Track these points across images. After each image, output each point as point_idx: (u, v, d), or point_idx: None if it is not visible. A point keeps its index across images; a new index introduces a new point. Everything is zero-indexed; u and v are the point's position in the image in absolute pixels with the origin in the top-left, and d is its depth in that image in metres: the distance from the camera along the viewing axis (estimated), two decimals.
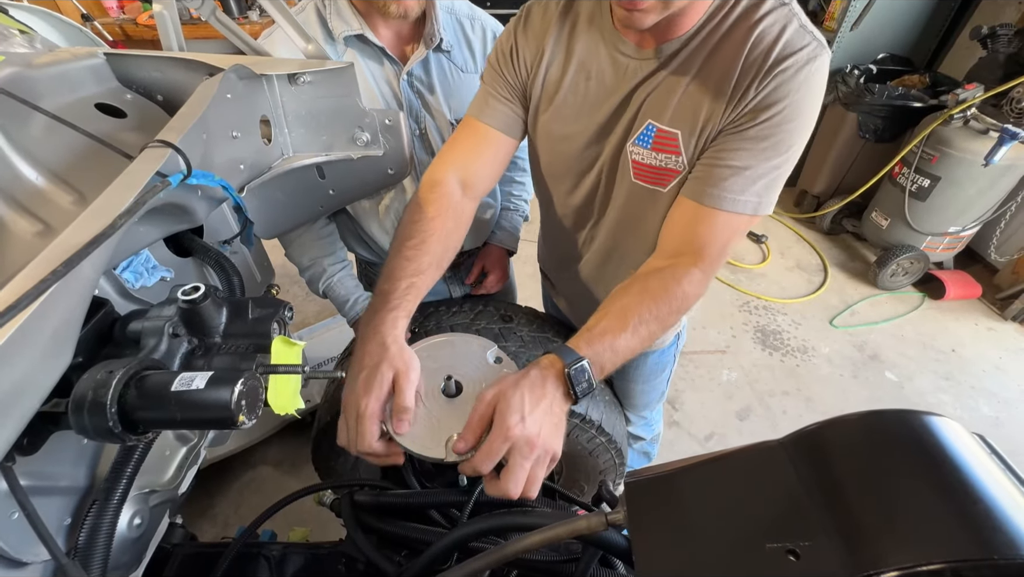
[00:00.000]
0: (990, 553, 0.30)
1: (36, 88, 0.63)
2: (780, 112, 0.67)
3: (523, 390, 0.60)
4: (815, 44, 0.66)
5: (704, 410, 2.10)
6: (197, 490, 1.73)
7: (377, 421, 0.63)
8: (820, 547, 0.33)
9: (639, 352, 0.70)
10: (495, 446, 0.58)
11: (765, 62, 0.67)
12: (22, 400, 0.37)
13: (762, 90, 0.67)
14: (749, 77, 0.68)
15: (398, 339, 0.68)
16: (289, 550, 0.84)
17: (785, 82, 0.66)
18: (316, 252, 1.12)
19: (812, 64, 0.66)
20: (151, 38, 2.92)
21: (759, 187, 0.71)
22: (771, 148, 0.69)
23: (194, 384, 0.45)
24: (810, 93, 0.67)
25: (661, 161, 0.78)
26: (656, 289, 0.71)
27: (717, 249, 0.74)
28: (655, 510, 0.41)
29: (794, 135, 0.69)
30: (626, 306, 0.69)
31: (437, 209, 0.79)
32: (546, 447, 0.60)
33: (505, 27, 0.87)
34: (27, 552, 0.50)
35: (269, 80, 0.80)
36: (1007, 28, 2.24)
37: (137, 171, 0.49)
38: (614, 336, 0.67)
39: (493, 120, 0.86)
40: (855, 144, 2.79)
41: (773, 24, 0.67)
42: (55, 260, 0.35)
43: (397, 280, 0.73)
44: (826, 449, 0.38)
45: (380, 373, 0.64)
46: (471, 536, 0.63)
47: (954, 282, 2.60)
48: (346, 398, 0.67)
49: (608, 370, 0.67)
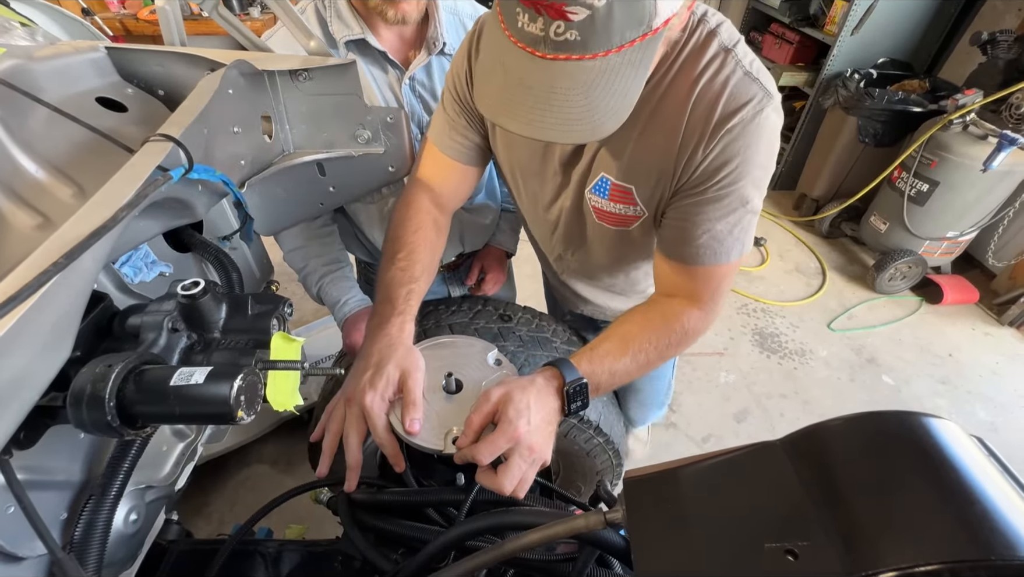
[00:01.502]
0: (987, 554, 0.30)
1: (37, 81, 0.62)
2: (733, 171, 0.65)
3: (531, 397, 0.63)
4: (760, 95, 0.62)
5: (701, 412, 2.10)
6: (192, 487, 1.73)
7: (384, 416, 0.65)
8: (818, 547, 0.33)
9: (636, 377, 0.74)
10: (499, 443, 0.60)
11: (709, 122, 0.63)
12: (21, 392, 0.37)
13: (710, 153, 0.64)
14: (695, 139, 0.65)
15: (405, 341, 0.71)
16: (285, 547, 0.84)
17: (732, 142, 0.63)
18: (312, 253, 1.11)
19: (759, 118, 0.62)
20: (151, 34, 2.91)
21: (734, 235, 0.69)
22: (734, 200, 0.67)
23: (193, 379, 0.44)
24: (761, 145, 0.64)
25: (620, 210, 0.79)
26: (657, 321, 0.75)
27: (709, 294, 0.74)
28: (654, 509, 0.41)
29: (754, 185, 0.67)
30: (628, 332, 0.73)
31: (417, 224, 0.85)
32: (541, 453, 0.63)
33: (460, 44, 0.83)
34: (23, 547, 0.49)
35: (271, 76, 0.80)
36: (1007, 34, 2.25)
37: (138, 164, 0.49)
38: (614, 359, 0.71)
39: (452, 152, 0.86)
40: (855, 148, 2.79)
41: (715, 76, 0.63)
42: (56, 252, 0.35)
43: (397, 288, 0.77)
44: (825, 449, 0.38)
45: (387, 372, 0.66)
46: (468, 534, 0.63)
47: (952, 287, 2.61)
48: (350, 393, 0.68)
49: (603, 390, 0.72)
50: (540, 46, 0.49)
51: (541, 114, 0.53)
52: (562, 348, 1.09)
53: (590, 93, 0.51)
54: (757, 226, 0.73)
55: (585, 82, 0.51)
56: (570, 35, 0.47)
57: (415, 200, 0.88)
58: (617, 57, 0.49)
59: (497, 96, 0.56)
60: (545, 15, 0.46)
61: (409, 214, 0.86)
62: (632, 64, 0.51)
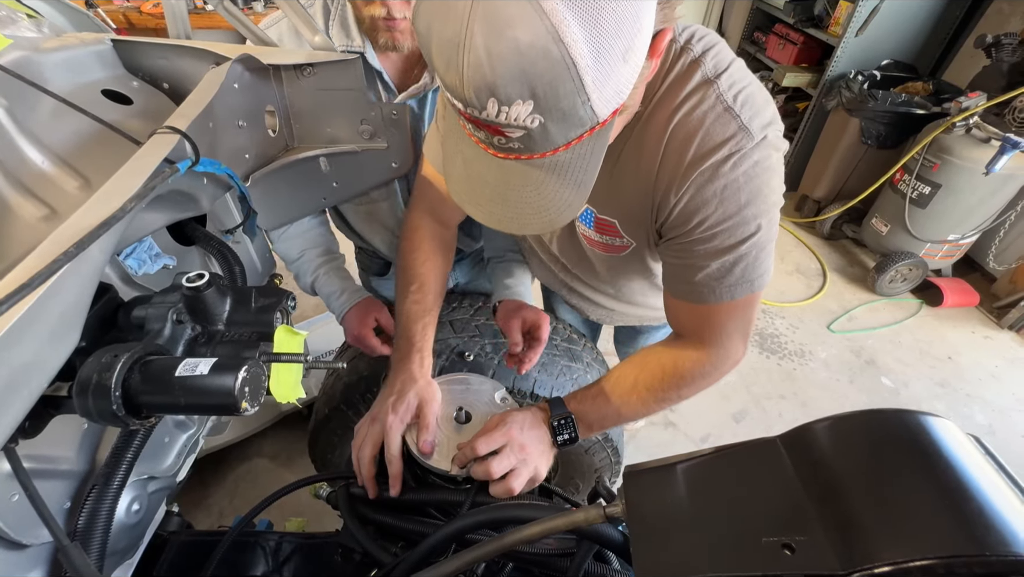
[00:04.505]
0: (982, 550, 0.30)
1: (43, 72, 0.62)
2: (711, 215, 0.60)
3: (524, 416, 0.75)
4: (740, 135, 0.57)
5: (700, 411, 2.11)
6: (193, 480, 1.74)
7: (399, 437, 0.74)
8: (815, 541, 0.34)
9: (632, 419, 0.80)
10: (495, 437, 0.71)
11: (681, 163, 0.59)
12: (31, 380, 0.38)
13: (683, 196, 0.60)
14: (666, 178, 0.61)
15: (425, 374, 0.81)
16: (285, 539, 0.84)
17: (705, 185, 0.58)
18: (304, 245, 1.10)
19: (734, 158, 0.57)
20: (155, 27, 2.90)
21: (735, 274, 0.64)
22: (724, 239, 0.62)
23: (198, 370, 0.45)
24: (743, 187, 0.58)
25: (607, 240, 0.79)
26: (653, 367, 0.76)
27: (714, 335, 0.71)
28: (653, 503, 0.42)
29: (745, 224, 0.61)
30: (622, 377, 0.77)
31: (425, 254, 0.89)
32: (533, 459, 0.72)
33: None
34: (27, 534, 0.50)
35: (276, 70, 0.80)
36: (1012, 37, 2.24)
37: (146, 156, 0.49)
38: (606, 401, 0.76)
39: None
40: (857, 150, 2.79)
41: (692, 111, 0.58)
42: (66, 241, 0.35)
43: (413, 324, 0.84)
44: (823, 446, 0.39)
45: (408, 399, 0.76)
46: (468, 528, 0.63)
47: (952, 290, 2.61)
48: (375, 414, 0.78)
49: (596, 429, 0.78)
50: (490, 145, 0.49)
51: (499, 207, 0.53)
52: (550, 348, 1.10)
53: (542, 189, 0.50)
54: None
55: (536, 179, 0.50)
56: (512, 144, 0.46)
57: (421, 226, 0.90)
58: (566, 153, 0.47)
59: (460, 183, 0.56)
60: (485, 131, 0.46)
61: (416, 243, 0.89)
62: (583, 156, 0.49)
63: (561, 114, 0.42)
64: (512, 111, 0.41)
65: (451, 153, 0.57)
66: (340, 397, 1.09)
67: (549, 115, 0.42)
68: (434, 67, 0.44)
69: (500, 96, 0.40)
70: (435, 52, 0.42)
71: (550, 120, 0.42)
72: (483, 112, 0.42)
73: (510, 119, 0.42)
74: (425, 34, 0.43)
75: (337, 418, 1.10)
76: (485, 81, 0.40)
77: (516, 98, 0.40)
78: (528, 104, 0.41)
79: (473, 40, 0.39)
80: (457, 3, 0.39)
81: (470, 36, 0.39)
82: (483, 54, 0.39)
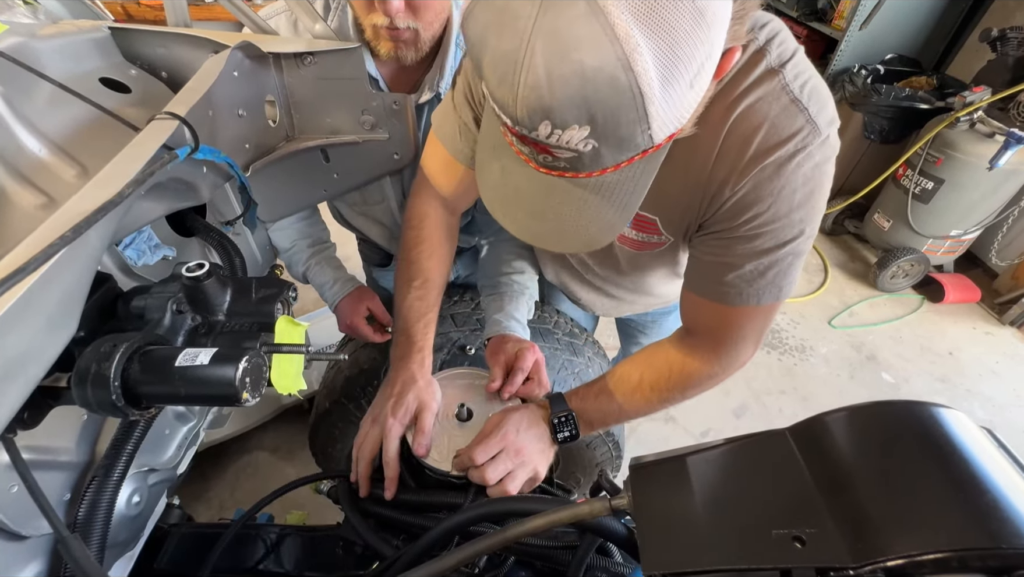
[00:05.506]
0: (997, 542, 0.30)
1: (40, 59, 0.61)
2: (764, 212, 0.57)
3: (523, 415, 0.75)
4: (807, 129, 0.53)
5: (700, 406, 2.11)
6: (193, 473, 1.74)
7: (398, 438, 0.75)
8: (826, 534, 0.33)
9: (634, 418, 0.79)
10: (492, 443, 0.71)
11: (742, 156, 0.55)
12: (27, 368, 0.37)
13: (739, 190, 0.57)
14: (724, 171, 0.57)
15: (425, 374, 0.80)
16: (286, 532, 0.84)
17: (764, 182, 0.55)
18: (295, 235, 1.09)
19: (799, 156, 0.54)
20: (153, 19, 2.88)
21: (767, 278, 0.62)
22: (768, 241, 0.60)
23: (198, 360, 0.44)
24: (799, 187, 0.56)
25: (642, 238, 0.75)
26: (659, 365, 0.76)
27: (730, 338, 0.69)
28: (660, 495, 0.41)
29: (791, 227, 0.59)
30: (626, 375, 0.77)
31: (431, 247, 0.86)
32: (531, 461, 0.72)
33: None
34: (27, 525, 0.50)
35: (276, 59, 0.79)
36: (1017, 31, 2.23)
37: (144, 142, 0.49)
38: (609, 398, 0.76)
39: (464, 158, 0.78)
40: (860, 144, 2.78)
41: (756, 102, 0.54)
42: (63, 226, 0.34)
43: (415, 321, 0.83)
44: (833, 437, 0.38)
45: (407, 401, 0.76)
46: (470, 521, 0.63)
47: (954, 286, 2.61)
48: (375, 416, 0.79)
49: (597, 426, 0.78)
50: (534, 160, 0.46)
51: (537, 223, 0.51)
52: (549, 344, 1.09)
53: (584, 208, 0.48)
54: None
55: (579, 197, 0.47)
56: (559, 163, 0.44)
57: (428, 214, 0.86)
58: (614, 175, 0.45)
59: (494, 191, 0.54)
60: (531, 147, 0.43)
61: (423, 233, 0.85)
62: (631, 179, 0.46)
63: (618, 141, 0.40)
64: (566, 135, 0.39)
65: (487, 159, 0.55)
66: (341, 390, 1.09)
67: (605, 141, 0.40)
68: (483, 77, 0.41)
69: (555, 120, 0.38)
70: (487, 64, 0.40)
71: (604, 145, 0.41)
72: (533, 132, 0.40)
73: (561, 142, 0.40)
74: (477, 43, 0.40)
75: (338, 411, 1.10)
76: (542, 104, 0.37)
77: (573, 123, 0.38)
78: (584, 129, 0.39)
79: (533, 59, 0.36)
80: (519, 15, 0.36)
81: (530, 54, 0.36)
82: (543, 75, 0.36)
